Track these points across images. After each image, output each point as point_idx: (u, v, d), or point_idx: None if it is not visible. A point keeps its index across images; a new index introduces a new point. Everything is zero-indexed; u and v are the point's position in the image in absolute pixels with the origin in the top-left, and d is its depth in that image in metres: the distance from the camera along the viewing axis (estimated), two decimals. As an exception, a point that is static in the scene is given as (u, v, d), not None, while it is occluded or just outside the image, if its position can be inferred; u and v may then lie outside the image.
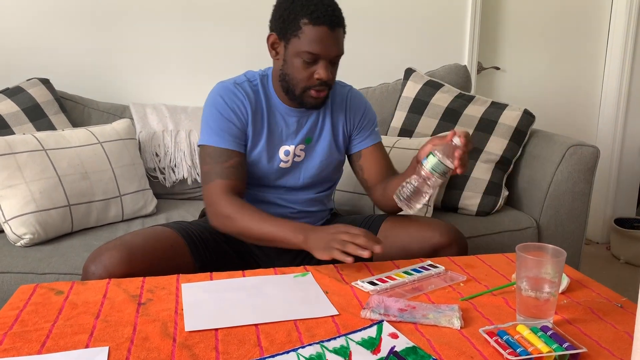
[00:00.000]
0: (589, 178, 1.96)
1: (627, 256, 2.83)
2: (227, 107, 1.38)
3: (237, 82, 1.43)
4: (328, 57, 1.32)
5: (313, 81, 1.34)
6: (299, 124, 1.45)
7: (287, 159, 1.45)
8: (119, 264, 1.18)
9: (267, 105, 1.43)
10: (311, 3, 1.29)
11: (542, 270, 0.95)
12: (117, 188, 1.84)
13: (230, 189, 1.35)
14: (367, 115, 1.54)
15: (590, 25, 2.96)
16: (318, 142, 1.48)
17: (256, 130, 1.41)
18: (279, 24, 1.34)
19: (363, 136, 1.52)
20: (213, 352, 0.86)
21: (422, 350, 0.87)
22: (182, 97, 2.38)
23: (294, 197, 1.50)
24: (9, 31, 2.23)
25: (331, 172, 1.54)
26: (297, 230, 1.25)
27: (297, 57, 1.32)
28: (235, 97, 1.40)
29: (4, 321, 0.95)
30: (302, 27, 1.29)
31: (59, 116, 2.00)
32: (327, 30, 1.29)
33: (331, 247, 1.15)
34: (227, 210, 1.32)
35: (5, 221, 1.64)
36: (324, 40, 1.30)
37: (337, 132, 1.51)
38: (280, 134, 1.44)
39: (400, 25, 2.59)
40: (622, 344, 0.91)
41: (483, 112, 2.09)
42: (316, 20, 1.28)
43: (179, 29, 2.37)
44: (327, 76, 1.33)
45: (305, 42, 1.30)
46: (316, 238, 1.20)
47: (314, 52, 1.30)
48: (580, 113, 3.07)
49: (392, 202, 1.41)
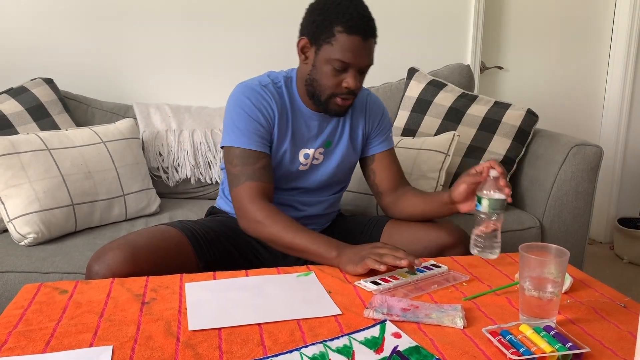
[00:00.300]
0: (592, 178, 1.96)
1: (630, 256, 2.83)
2: (254, 108, 1.37)
3: (262, 83, 1.41)
4: (358, 67, 1.32)
5: (341, 89, 1.34)
6: (320, 128, 1.46)
7: (306, 162, 1.46)
8: (122, 263, 1.18)
9: (291, 108, 1.43)
10: (347, 11, 1.28)
11: (545, 270, 0.95)
12: (120, 187, 1.85)
13: (261, 192, 1.34)
14: (384, 119, 1.55)
15: (593, 25, 2.96)
16: (337, 146, 1.49)
17: (281, 131, 1.41)
18: (311, 28, 1.32)
19: (379, 140, 1.53)
20: (216, 351, 0.86)
21: (425, 349, 0.87)
22: (185, 96, 2.38)
23: (306, 199, 1.50)
24: (13, 31, 2.24)
25: (347, 173, 1.55)
26: (332, 246, 1.23)
27: (327, 63, 1.32)
28: (261, 97, 1.38)
29: (8, 320, 0.95)
30: (335, 34, 1.28)
31: (63, 116, 2.01)
32: (360, 40, 1.29)
33: (367, 258, 1.15)
34: (258, 215, 1.31)
35: (9, 220, 1.64)
36: (356, 50, 1.29)
37: (356, 135, 1.51)
38: (302, 137, 1.44)
39: (404, 24, 2.59)
40: (626, 344, 0.90)
41: (486, 112, 2.09)
42: (350, 29, 1.27)
43: (183, 28, 2.37)
44: (355, 85, 1.33)
45: (338, 50, 1.29)
46: (350, 253, 1.19)
47: (345, 61, 1.30)
48: (583, 112, 3.06)
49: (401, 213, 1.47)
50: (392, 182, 1.51)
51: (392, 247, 1.17)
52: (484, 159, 2.03)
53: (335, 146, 1.49)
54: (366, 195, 1.89)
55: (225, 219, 1.51)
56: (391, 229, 1.47)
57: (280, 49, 2.46)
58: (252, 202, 1.32)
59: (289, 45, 2.48)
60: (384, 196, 1.52)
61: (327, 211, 1.55)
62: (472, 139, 2.06)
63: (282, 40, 2.45)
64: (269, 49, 2.45)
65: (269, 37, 2.45)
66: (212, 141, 2.15)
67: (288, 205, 1.48)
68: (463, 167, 2.02)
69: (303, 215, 1.49)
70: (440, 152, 1.92)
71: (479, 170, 1.25)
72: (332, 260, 1.21)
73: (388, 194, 1.51)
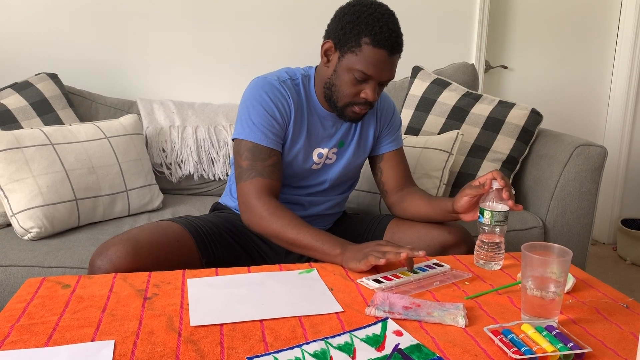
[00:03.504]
0: (596, 178, 1.95)
1: (633, 257, 2.82)
2: (271, 104, 1.36)
3: (281, 78, 1.40)
4: (379, 80, 1.31)
5: (359, 98, 1.34)
6: (335, 128, 1.46)
7: (319, 161, 1.46)
8: (125, 258, 1.19)
9: (307, 106, 1.42)
10: (377, 24, 1.26)
11: (547, 269, 0.94)
12: (123, 183, 1.85)
13: (268, 189, 1.33)
14: (395, 119, 1.55)
15: (599, 24, 2.94)
16: (350, 146, 1.49)
17: (296, 129, 1.41)
18: (338, 34, 1.31)
19: (389, 139, 1.53)
20: (218, 347, 0.86)
21: (427, 348, 0.87)
22: (189, 93, 2.39)
23: (315, 198, 1.50)
24: (17, 26, 2.24)
25: (356, 172, 1.56)
26: (336, 243, 1.23)
27: (349, 72, 1.31)
28: (279, 94, 1.37)
29: (11, 314, 0.96)
30: (362, 45, 1.27)
31: (67, 111, 2.01)
32: (386, 55, 1.28)
33: (369, 255, 1.15)
34: (264, 211, 1.30)
35: (12, 215, 1.65)
36: (380, 64, 1.28)
37: (368, 135, 1.51)
38: (317, 136, 1.44)
39: (409, 23, 2.57)
40: (628, 344, 0.90)
41: (490, 111, 2.08)
42: (378, 43, 1.26)
43: (187, 25, 2.38)
44: (373, 98, 1.32)
45: (362, 61, 1.28)
46: (354, 251, 1.19)
47: (367, 73, 1.29)
48: (588, 113, 3.05)
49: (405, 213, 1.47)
50: (398, 182, 1.52)
51: (394, 245, 1.17)
52: (487, 158, 2.02)
53: (348, 146, 1.49)
54: (369, 193, 1.89)
55: (229, 215, 1.51)
56: (394, 227, 1.47)
57: (283, 47, 2.46)
58: (259, 198, 1.32)
59: (293, 44, 2.50)
60: (389, 195, 1.52)
61: (333, 210, 1.55)
62: (476, 138, 2.05)
63: (286, 39, 2.45)
64: (272, 48, 2.45)
65: (273, 35, 2.45)
66: (215, 138, 2.16)
67: (296, 204, 1.48)
68: (466, 166, 2.02)
69: (310, 214, 1.49)
70: (444, 151, 1.91)
71: (482, 182, 1.24)
72: (335, 258, 1.21)
73: (393, 192, 1.52)
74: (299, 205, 1.48)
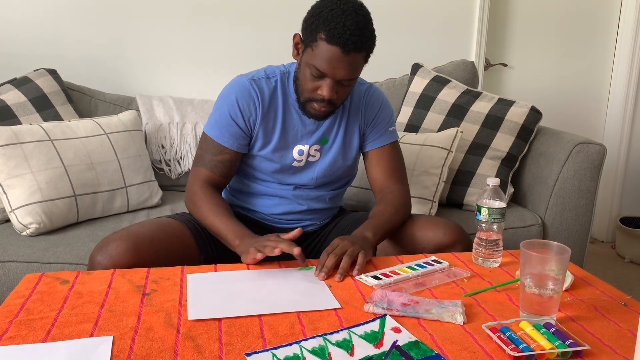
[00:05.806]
0: (595, 176, 1.95)
1: (632, 255, 2.82)
2: (236, 108, 1.38)
3: (255, 78, 1.40)
4: (334, 78, 1.27)
5: (316, 95, 1.31)
6: (317, 124, 1.43)
7: (300, 158, 1.44)
8: (125, 254, 1.19)
9: (283, 104, 1.41)
10: (334, 20, 1.22)
11: (546, 267, 0.94)
12: (122, 179, 1.85)
13: (209, 181, 1.40)
14: (381, 114, 1.50)
15: (599, 22, 2.94)
16: (334, 143, 1.46)
17: (267, 129, 1.40)
18: (304, 28, 1.30)
19: (374, 137, 1.49)
20: (216, 342, 0.86)
21: (425, 345, 0.87)
22: (188, 89, 2.38)
23: (307, 194, 1.49)
24: (17, 22, 2.24)
25: (346, 170, 1.52)
26: (237, 235, 1.27)
27: (307, 67, 1.29)
28: (247, 94, 1.38)
29: (9, 309, 0.96)
30: (317, 40, 1.25)
31: (66, 107, 2.01)
32: (339, 52, 1.23)
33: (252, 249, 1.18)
34: (197, 198, 1.37)
35: (11, 210, 1.65)
36: (334, 61, 1.24)
37: (353, 132, 1.48)
38: (295, 133, 1.43)
39: (408, 20, 2.58)
40: (626, 342, 0.91)
41: (490, 109, 2.08)
42: (331, 39, 1.22)
43: (186, 21, 2.37)
44: (329, 95, 1.29)
45: (316, 56, 1.26)
46: (247, 244, 1.22)
47: (320, 69, 1.26)
48: (587, 111, 3.05)
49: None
50: (380, 181, 1.48)
51: (278, 240, 1.19)
52: (486, 156, 2.02)
53: (332, 143, 1.46)
54: (368, 190, 1.89)
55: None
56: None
57: (281, 44, 2.45)
58: (198, 186, 1.39)
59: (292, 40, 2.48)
60: (375, 194, 1.50)
61: (328, 206, 1.54)
62: (475, 136, 2.05)
63: (284, 36, 2.44)
64: (270, 44, 2.45)
65: (271, 32, 2.44)
66: (214, 134, 2.15)
67: (288, 200, 1.48)
68: (466, 163, 2.02)
69: (303, 210, 1.49)
70: (443, 148, 1.91)
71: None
72: (235, 248, 1.26)
73: (377, 192, 1.49)
74: (288, 200, 1.48)
